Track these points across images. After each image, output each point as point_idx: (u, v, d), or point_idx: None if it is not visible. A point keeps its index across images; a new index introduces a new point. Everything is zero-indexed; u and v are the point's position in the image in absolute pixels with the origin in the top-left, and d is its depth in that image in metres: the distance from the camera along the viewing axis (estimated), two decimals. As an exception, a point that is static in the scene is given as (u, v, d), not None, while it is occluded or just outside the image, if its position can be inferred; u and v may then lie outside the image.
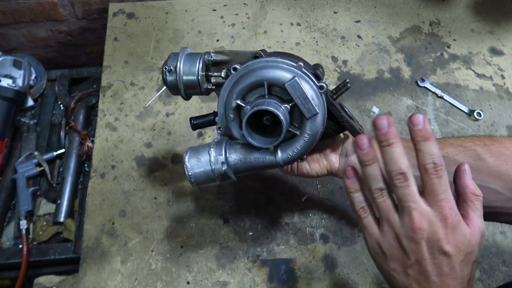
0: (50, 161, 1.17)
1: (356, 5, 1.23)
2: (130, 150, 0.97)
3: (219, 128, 0.64)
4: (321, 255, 0.85)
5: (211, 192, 0.91)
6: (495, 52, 1.15)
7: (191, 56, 0.65)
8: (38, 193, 1.15)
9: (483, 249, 0.86)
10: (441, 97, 1.06)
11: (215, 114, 0.65)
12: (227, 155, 0.62)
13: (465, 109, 1.04)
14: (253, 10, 1.21)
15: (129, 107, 1.03)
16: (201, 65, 0.64)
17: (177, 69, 0.64)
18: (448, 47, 1.15)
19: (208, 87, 0.64)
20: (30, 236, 1.07)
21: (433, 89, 1.07)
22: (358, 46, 1.15)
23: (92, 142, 1.14)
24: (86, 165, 1.19)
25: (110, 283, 0.81)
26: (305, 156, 0.62)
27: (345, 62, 1.11)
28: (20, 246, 1.05)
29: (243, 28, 1.17)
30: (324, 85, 0.57)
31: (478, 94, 1.07)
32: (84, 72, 1.35)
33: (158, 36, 1.15)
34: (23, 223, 1.06)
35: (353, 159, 0.67)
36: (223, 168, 0.61)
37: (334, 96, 0.63)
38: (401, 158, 0.47)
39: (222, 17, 1.19)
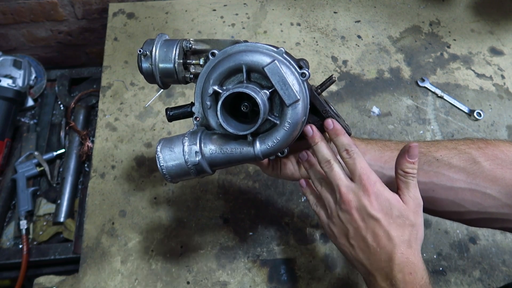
0: (50, 161, 1.17)
1: (356, 5, 1.23)
2: (130, 150, 0.97)
3: (195, 118, 0.61)
4: (321, 255, 0.85)
5: (211, 192, 0.91)
6: (495, 52, 1.15)
7: (168, 42, 0.62)
8: (38, 193, 1.15)
9: (483, 249, 0.86)
10: (441, 97, 1.06)
11: (192, 104, 0.62)
12: (202, 145, 0.58)
13: (465, 109, 1.04)
14: (253, 10, 1.21)
15: (129, 107, 1.03)
16: (178, 51, 0.60)
17: (153, 54, 0.60)
18: (448, 47, 1.15)
19: (186, 75, 0.61)
20: (30, 236, 1.07)
21: (433, 89, 1.07)
22: (358, 46, 1.15)
23: (92, 142, 1.14)
24: (86, 165, 1.19)
25: (110, 283, 0.81)
26: (286, 150, 0.60)
27: (345, 62, 1.11)
28: (20, 246, 1.05)
29: (243, 28, 1.17)
30: (307, 73, 0.55)
31: (478, 94, 1.07)
32: (84, 72, 1.35)
33: (158, 36, 1.15)
34: (23, 223, 1.06)
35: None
36: (197, 159, 0.57)
37: (319, 90, 0.61)
38: (325, 150, 0.58)
39: (222, 17, 1.19)
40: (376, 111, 1.03)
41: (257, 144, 0.57)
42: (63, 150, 1.19)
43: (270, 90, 0.54)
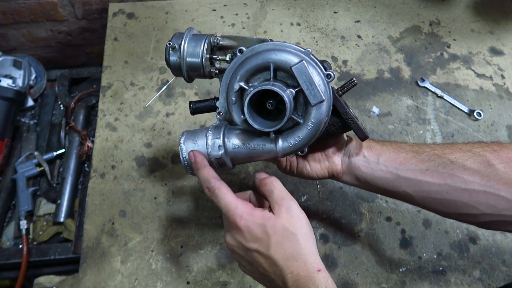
0: (50, 161, 1.17)
1: (356, 5, 1.23)
2: (130, 150, 0.97)
3: (218, 113, 0.62)
4: (321, 255, 0.84)
5: (211, 192, 0.91)
6: (495, 52, 1.15)
7: (197, 37, 0.62)
8: (38, 193, 1.15)
9: (483, 249, 0.86)
10: (441, 97, 1.06)
11: (216, 99, 0.63)
12: (225, 139, 0.59)
13: (465, 109, 1.04)
14: (253, 10, 1.21)
15: (129, 107, 1.03)
16: (206, 46, 0.61)
17: (181, 48, 0.61)
18: (448, 47, 1.15)
19: (212, 70, 0.62)
20: (30, 236, 1.07)
21: (433, 89, 1.07)
22: (358, 46, 1.15)
23: (92, 142, 1.14)
24: (86, 165, 1.18)
25: (110, 283, 0.81)
26: (306, 149, 0.60)
27: (345, 62, 1.11)
28: (20, 246, 1.05)
29: (243, 28, 1.17)
30: (332, 74, 0.55)
31: (478, 94, 1.07)
32: (84, 72, 1.35)
33: (158, 36, 1.15)
34: (23, 223, 1.06)
35: (356, 161, 0.66)
36: (220, 153, 0.59)
37: (340, 92, 0.62)
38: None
39: (222, 17, 1.19)
40: (376, 111, 1.03)
41: (280, 142, 0.58)
42: (63, 150, 1.19)
43: (296, 89, 0.55)
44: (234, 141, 0.60)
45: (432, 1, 1.25)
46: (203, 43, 0.61)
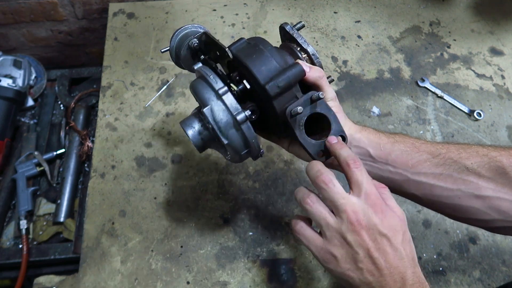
0: (50, 161, 1.17)
1: (356, 5, 1.23)
2: (130, 150, 0.97)
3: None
4: (321, 255, 0.85)
5: (211, 192, 0.91)
6: (495, 52, 1.15)
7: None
8: (38, 193, 1.15)
9: (483, 249, 0.86)
10: (441, 97, 1.06)
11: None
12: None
13: (465, 109, 1.04)
14: (253, 10, 1.21)
15: (129, 107, 1.03)
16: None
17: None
18: (448, 47, 1.15)
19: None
20: (30, 236, 1.07)
21: (433, 89, 1.07)
22: (358, 46, 1.15)
23: (92, 142, 1.14)
24: (86, 165, 1.18)
25: (110, 283, 0.81)
26: (260, 152, 0.61)
27: (345, 62, 1.11)
28: (20, 246, 1.05)
29: (243, 28, 1.17)
30: (244, 116, 0.54)
31: (478, 94, 1.07)
32: (84, 72, 1.35)
33: (158, 36, 1.15)
34: (23, 223, 1.06)
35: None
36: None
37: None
38: (318, 165, 0.54)
39: (222, 17, 1.19)
40: (376, 111, 1.03)
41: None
42: (63, 150, 1.18)
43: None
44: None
45: (432, 1, 1.25)
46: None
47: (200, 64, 0.59)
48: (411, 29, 1.19)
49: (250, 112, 0.55)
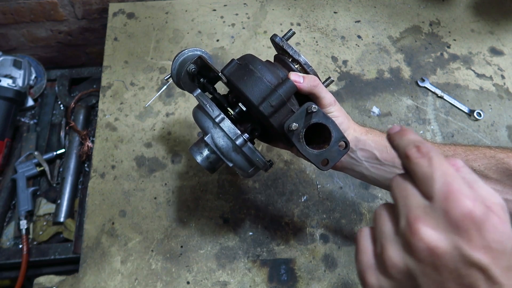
0: (50, 161, 1.17)
1: (356, 5, 1.23)
2: (130, 150, 0.97)
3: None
4: (321, 255, 0.85)
5: (211, 192, 0.91)
6: (495, 52, 1.15)
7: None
8: (38, 193, 1.15)
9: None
10: (441, 97, 1.06)
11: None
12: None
13: (465, 109, 1.04)
14: (253, 10, 1.21)
15: (129, 107, 1.03)
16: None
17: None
18: (448, 47, 1.15)
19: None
20: (30, 236, 1.07)
21: (433, 89, 1.07)
22: (358, 46, 1.15)
23: (92, 142, 1.14)
24: (86, 165, 1.18)
25: (110, 283, 0.81)
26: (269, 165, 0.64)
27: (345, 62, 1.11)
28: (20, 246, 1.05)
29: (243, 28, 1.17)
30: (243, 140, 0.57)
31: (478, 94, 1.07)
32: (84, 72, 1.35)
33: (158, 36, 1.15)
34: (23, 223, 1.06)
35: (365, 163, 0.60)
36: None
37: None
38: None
39: (222, 17, 1.19)
40: (376, 111, 1.03)
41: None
42: (63, 150, 1.19)
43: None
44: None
45: (432, 1, 1.25)
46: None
47: (198, 91, 0.61)
48: (411, 29, 1.19)
49: (249, 135, 0.58)
